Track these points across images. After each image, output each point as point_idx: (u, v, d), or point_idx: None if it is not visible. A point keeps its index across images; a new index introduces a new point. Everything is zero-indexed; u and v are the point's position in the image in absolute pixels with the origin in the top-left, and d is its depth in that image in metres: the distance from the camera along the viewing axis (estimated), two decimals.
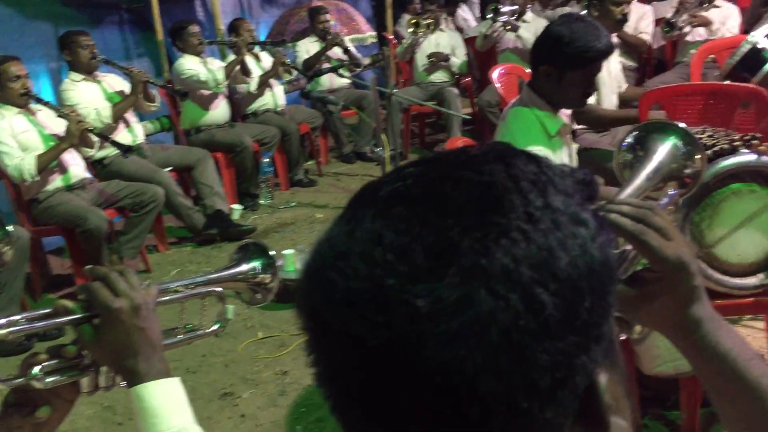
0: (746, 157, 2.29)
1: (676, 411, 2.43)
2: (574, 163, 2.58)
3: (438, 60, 6.22)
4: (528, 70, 4.03)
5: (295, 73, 5.95)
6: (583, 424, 0.51)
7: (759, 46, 3.19)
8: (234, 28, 5.66)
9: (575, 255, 0.48)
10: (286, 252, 3.87)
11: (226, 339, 3.38)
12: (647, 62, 6.01)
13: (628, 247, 0.82)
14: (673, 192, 1.03)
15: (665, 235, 0.75)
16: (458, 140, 2.84)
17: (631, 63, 5.51)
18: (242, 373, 3.14)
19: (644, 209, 0.76)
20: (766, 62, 3.16)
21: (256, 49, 5.80)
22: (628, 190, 0.99)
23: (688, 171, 1.06)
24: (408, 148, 6.39)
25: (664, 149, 1.06)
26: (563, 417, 0.49)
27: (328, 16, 6.34)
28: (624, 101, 3.67)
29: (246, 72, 5.51)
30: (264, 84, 5.66)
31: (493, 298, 0.45)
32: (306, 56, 6.16)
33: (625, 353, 2.34)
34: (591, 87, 2.41)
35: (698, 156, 1.07)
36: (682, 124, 1.12)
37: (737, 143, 2.32)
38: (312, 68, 5.90)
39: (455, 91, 6.20)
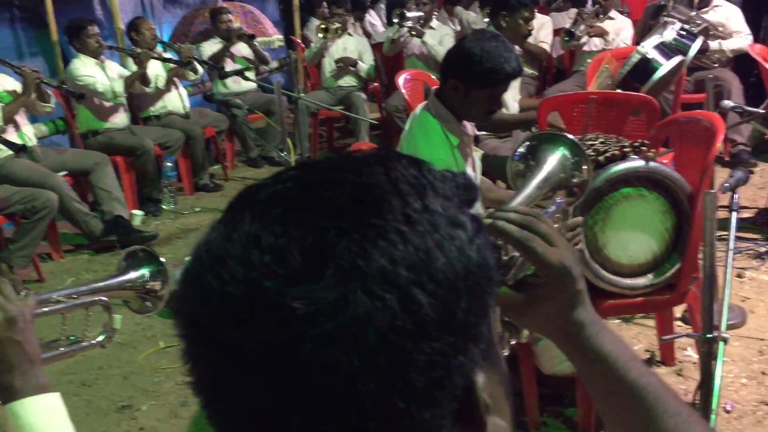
0: (635, 162, 2.39)
1: (574, 408, 2.51)
2: (478, 172, 2.62)
3: (346, 65, 6.23)
4: (434, 77, 4.10)
5: (201, 72, 5.81)
6: (462, 424, 0.51)
7: (648, 57, 3.35)
8: (134, 27, 5.47)
9: (452, 256, 0.48)
10: (189, 258, 3.75)
11: (125, 350, 3.25)
12: (547, 70, 6.23)
13: (517, 253, 0.84)
14: (560, 200, 1.07)
15: (550, 242, 0.76)
16: (363, 145, 2.83)
17: (532, 71, 5.69)
18: (142, 384, 3.02)
19: (530, 217, 0.78)
20: (654, 72, 3.32)
21: (159, 47, 5.62)
22: (519, 199, 1.01)
23: (575, 180, 1.11)
24: (316, 152, 6.36)
25: (553, 159, 1.10)
26: (441, 417, 0.49)
27: (230, 17, 6.23)
28: (522, 110, 3.78)
29: (146, 82, 5.33)
30: (169, 82, 5.51)
31: (370, 299, 0.45)
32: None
33: (525, 353, 2.41)
34: (496, 105, 2.45)
35: (585, 166, 1.12)
36: (571, 136, 1.16)
37: (627, 150, 2.43)
38: (214, 70, 5.78)
39: (363, 95, 6.22)
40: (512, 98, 3.82)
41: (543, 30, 5.58)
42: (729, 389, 2.60)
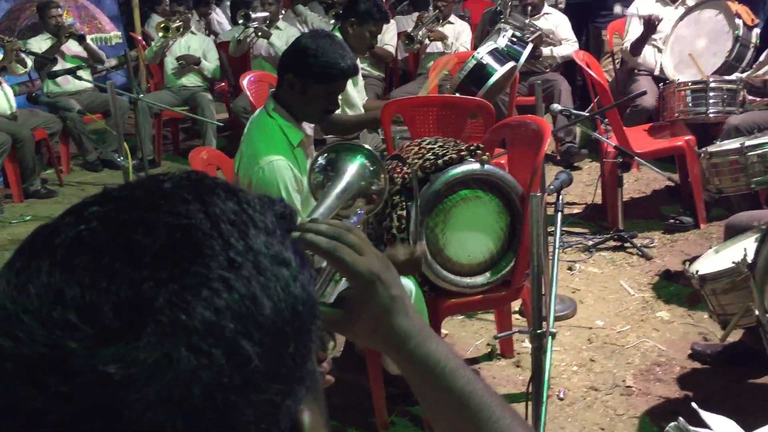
0: (472, 165, 2.49)
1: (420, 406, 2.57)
2: None
3: (188, 63, 6.02)
4: None
5: (30, 65, 5.39)
6: None
7: (483, 62, 3.50)
8: None
9: (279, 299, 0.46)
10: None
11: None
12: (393, 72, 6.36)
13: (324, 264, 0.84)
14: (360, 212, 1.09)
15: (358, 251, 0.77)
16: (202, 150, 2.76)
17: (378, 73, 5.79)
18: None
19: (338, 228, 0.78)
20: (489, 77, 3.47)
21: None
22: (321, 209, 1.02)
23: (374, 188, 1.15)
24: (160, 155, 6.11)
25: (352, 169, 1.14)
26: None
27: (60, 11, 5.83)
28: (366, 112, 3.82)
29: None
30: None
31: (195, 355, 0.42)
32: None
33: (372, 355, 2.43)
34: (333, 104, 2.45)
35: (383, 175, 1.17)
36: (367, 146, 1.21)
37: (464, 153, 2.52)
38: (44, 67, 5.40)
39: (209, 96, 6.04)
40: (359, 99, 3.86)
41: (388, 33, 5.68)
42: (562, 377, 2.77)
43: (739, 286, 2.16)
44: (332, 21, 5.97)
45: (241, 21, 5.63)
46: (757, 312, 1.73)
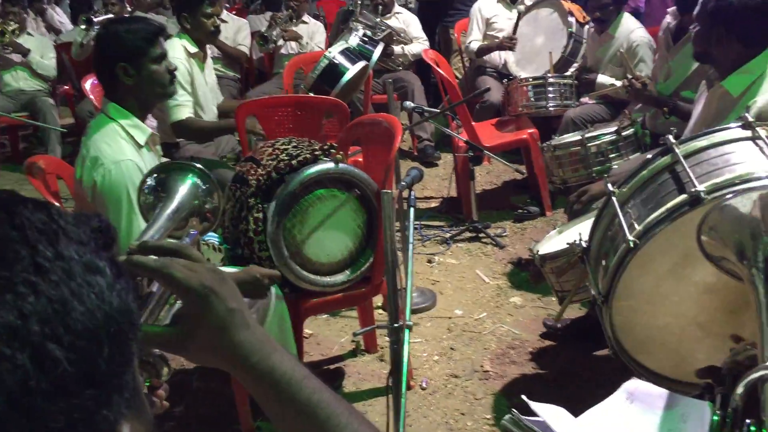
0: (326, 165, 2.50)
1: None
2: None
3: (18, 63, 5.63)
4: None
5: None
6: None
7: (335, 62, 3.53)
8: None
9: (92, 305, 0.46)
10: None
11: None
12: (249, 73, 6.26)
13: (155, 287, 0.82)
14: (193, 232, 1.07)
15: (189, 268, 0.75)
16: (39, 159, 2.60)
17: (233, 74, 5.68)
18: None
19: (167, 246, 0.77)
20: (342, 76, 3.50)
21: None
22: (151, 232, 1.00)
23: (208, 207, 1.14)
24: None
25: (184, 189, 1.12)
26: None
27: None
28: (223, 113, 3.75)
29: None
30: None
31: None
32: None
33: None
34: (172, 73, 2.45)
35: (216, 193, 1.17)
36: (198, 165, 1.19)
37: (318, 153, 2.53)
38: None
39: (50, 101, 5.69)
40: (212, 103, 3.77)
41: (241, 33, 5.60)
42: (424, 367, 2.85)
43: (574, 266, 2.32)
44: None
45: (83, 26, 5.36)
46: (592, 291, 1.86)
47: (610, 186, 1.85)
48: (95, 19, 5.29)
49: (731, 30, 2.40)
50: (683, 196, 1.63)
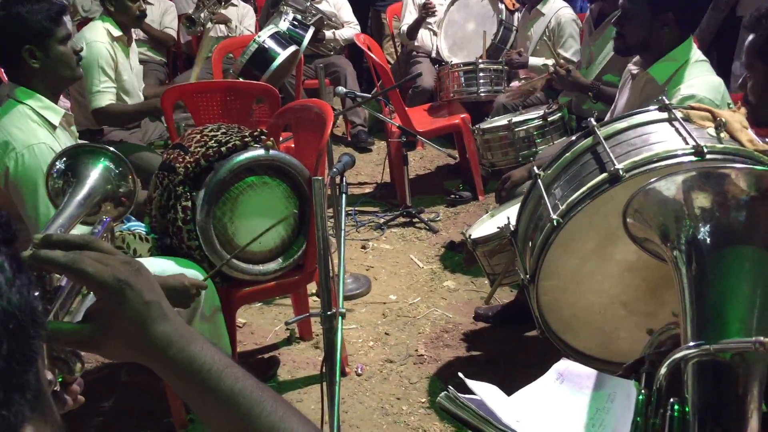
0: (256, 151, 2.46)
1: None
2: None
3: None
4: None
5: None
6: None
7: (265, 46, 3.46)
8: None
9: None
10: None
11: None
12: (177, 57, 6.10)
13: (65, 280, 0.78)
14: (106, 219, 1.03)
15: (101, 261, 0.72)
16: None
17: (159, 58, 5.52)
18: None
19: (75, 239, 0.73)
20: (272, 61, 3.45)
21: None
22: (60, 220, 0.95)
23: (122, 191, 1.10)
24: None
25: (95, 173, 1.07)
26: None
27: None
28: (146, 98, 3.64)
29: None
30: None
31: None
32: None
33: None
34: (74, 61, 2.38)
35: (130, 176, 1.12)
36: (111, 148, 1.15)
37: (248, 139, 2.48)
38: None
39: None
40: (138, 87, 3.65)
41: (167, 16, 5.45)
42: (360, 353, 2.86)
43: (505, 249, 2.36)
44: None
45: None
46: (519, 272, 1.89)
47: (535, 169, 1.89)
48: None
49: (678, 15, 2.43)
50: (603, 175, 1.68)
